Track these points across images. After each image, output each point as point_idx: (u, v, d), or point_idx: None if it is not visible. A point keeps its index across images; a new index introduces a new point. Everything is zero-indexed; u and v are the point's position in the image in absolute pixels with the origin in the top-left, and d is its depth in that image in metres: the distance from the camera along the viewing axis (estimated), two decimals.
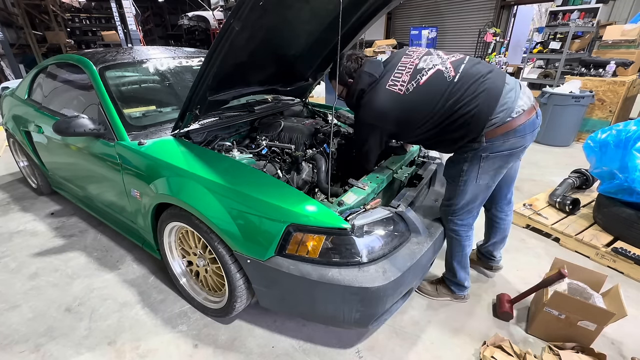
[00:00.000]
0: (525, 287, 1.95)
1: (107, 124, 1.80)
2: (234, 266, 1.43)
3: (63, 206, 2.91)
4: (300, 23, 1.68)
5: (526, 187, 3.26)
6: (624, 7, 6.50)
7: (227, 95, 1.82)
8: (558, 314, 1.55)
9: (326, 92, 6.25)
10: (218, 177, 1.42)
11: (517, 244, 2.40)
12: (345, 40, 2.03)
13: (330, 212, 1.27)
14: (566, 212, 2.58)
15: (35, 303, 1.87)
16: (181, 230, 1.70)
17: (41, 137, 2.41)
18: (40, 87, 2.59)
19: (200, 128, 1.82)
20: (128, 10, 7.11)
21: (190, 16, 13.04)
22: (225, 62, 1.40)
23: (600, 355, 1.44)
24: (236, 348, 1.59)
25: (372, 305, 1.28)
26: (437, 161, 2.03)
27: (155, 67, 2.32)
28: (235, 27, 1.23)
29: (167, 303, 1.85)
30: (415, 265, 1.36)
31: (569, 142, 4.54)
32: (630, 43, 5.12)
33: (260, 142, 1.88)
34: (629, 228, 2.16)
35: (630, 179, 2.08)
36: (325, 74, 2.01)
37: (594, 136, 2.44)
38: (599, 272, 1.71)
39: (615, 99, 4.40)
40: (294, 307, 1.46)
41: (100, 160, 1.88)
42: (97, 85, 1.91)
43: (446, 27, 9.60)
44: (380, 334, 1.66)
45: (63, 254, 2.28)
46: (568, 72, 5.49)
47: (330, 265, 1.26)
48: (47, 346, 1.61)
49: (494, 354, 1.47)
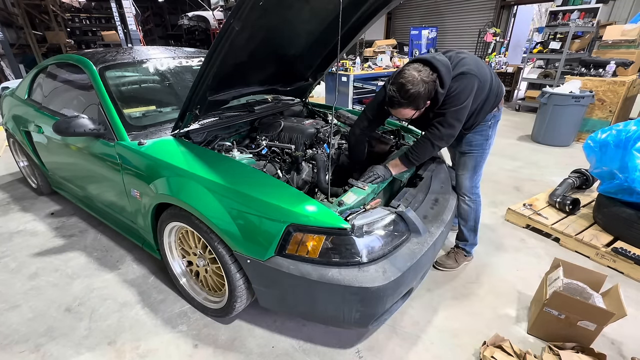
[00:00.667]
0: (525, 287, 1.96)
1: (107, 124, 1.80)
2: (234, 266, 1.43)
3: (63, 206, 2.91)
4: (300, 23, 1.68)
5: (526, 187, 3.26)
6: (624, 7, 6.50)
7: (227, 95, 1.82)
8: (558, 314, 1.55)
9: (326, 92, 6.25)
10: (218, 177, 1.42)
11: (517, 244, 2.40)
12: (345, 40, 2.03)
13: (330, 212, 1.27)
14: (566, 212, 2.58)
15: (35, 303, 1.87)
16: (181, 230, 1.70)
17: (41, 137, 2.41)
18: (40, 87, 2.59)
19: (200, 128, 1.82)
20: (128, 10, 7.11)
21: (190, 16, 13.05)
22: (225, 62, 1.40)
23: (600, 355, 1.43)
24: (236, 348, 1.59)
25: (372, 305, 1.28)
26: (437, 161, 2.03)
27: (155, 67, 2.32)
28: (235, 27, 1.23)
29: (167, 303, 1.85)
30: (415, 265, 1.36)
31: (569, 142, 4.54)
32: (630, 43, 5.12)
33: (260, 142, 1.88)
34: (629, 228, 2.16)
35: (630, 179, 2.08)
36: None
37: (594, 136, 2.44)
38: (599, 272, 1.71)
39: (615, 99, 4.40)
40: (294, 307, 1.46)
41: (100, 160, 1.88)
42: (97, 85, 1.91)
43: (446, 27, 9.60)
44: (380, 334, 1.66)
45: (63, 254, 2.28)
46: (568, 72, 5.49)
47: (330, 265, 1.26)
48: (47, 346, 1.61)
49: (494, 354, 1.47)
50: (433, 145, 1.60)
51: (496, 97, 1.71)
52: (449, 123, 1.55)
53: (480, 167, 1.88)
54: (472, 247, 2.11)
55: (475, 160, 1.85)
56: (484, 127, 1.77)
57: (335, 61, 2.32)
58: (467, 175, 1.89)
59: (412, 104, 1.47)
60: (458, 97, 1.51)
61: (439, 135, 1.57)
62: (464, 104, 1.52)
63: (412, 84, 1.42)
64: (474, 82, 1.53)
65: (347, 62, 6.01)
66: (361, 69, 5.95)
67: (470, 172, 1.88)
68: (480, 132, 1.78)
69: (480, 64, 1.60)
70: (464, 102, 1.52)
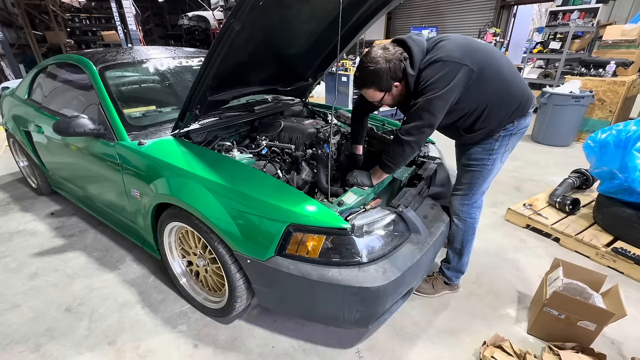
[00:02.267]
0: (525, 287, 1.96)
1: (107, 124, 1.80)
2: (234, 266, 1.43)
3: (63, 206, 2.91)
4: (300, 23, 1.67)
5: (526, 187, 3.26)
6: (624, 7, 6.51)
7: (227, 95, 1.82)
8: (558, 314, 1.55)
9: (326, 92, 6.26)
10: (218, 177, 1.42)
11: (517, 244, 2.40)
12: (345, 40, 2.03)
13: (330, 212, 1.27)
14: (566, 212, 2.58)
15: (35, 303, 1.87)
16: (181, 230, 1.70)
17: (41, 137, 2.41)
18: (40, 87, 2.59)
19: (200, 128, 1.82)
20: (128, 10, 7.11)
21: (190, 16, 13.04)
22: (225, 62, 1.40)
23: (600, 355, 1.43)
24: (236, 348, 1.59)
25: (372, 305, 1.28)
26: (437, 161, 2.03)
27: (155, 67, 2.32)
28: (235, 27, 1.22)
29: (167, 303, 1.85)
30: (415, 265, 1.36)
31: (569, 142, 4.54)
32: (630, 43, 5.12)
33: (260, 142, 1.88)
34: (629, 228, 2.16)
35: (630, 179, 2.08)
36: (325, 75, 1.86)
37: (594, 136, 2.44)
38: (599, 272, 1.71)
39: (615, 99, 4.40)
40: (294, 307, 1.46)
41: (100, 160, 1.88)
42: (97, 85, 1.91)
43: (446, 27, 9.60)
44: (380, 334, 1.66)
45: (63, 254, 2.28)
46: (568, 72, 5.50)
47: (330, 265, 1.26)
48: (47, 346, 1.61)
49: (494, 354, 1.47)
50: (401, 142, 1.38)
51: (518, 105, 1.41)
52: (418, 115, 1.33)
53: (477, 185, 1.58)
54: (455, 274, 1.84)
55: (472, 176, 1.58)
56: (489, 140, 1.49)
57: (335, 61, 2.31)
58: (461, 191, 1.64)
59: (373, 83, 1.35)
60: (430, 86, 1.29)
61: (405, 130, 1.36)
62: (437, 93, 1.28)
63: (371, 62, 1.32)
64: (453, 69, 1.28)
65: (347, 62, 6.02)
66: None
67: (465, 188, 1.62)
68: (483, 145, 1.51)
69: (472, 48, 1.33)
70: (438, 92, 1.28)
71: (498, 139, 1.48)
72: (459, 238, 1.72)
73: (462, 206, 1.65)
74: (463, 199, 1.64)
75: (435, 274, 1.91)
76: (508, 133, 1.47)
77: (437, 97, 1.29)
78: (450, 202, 1.71)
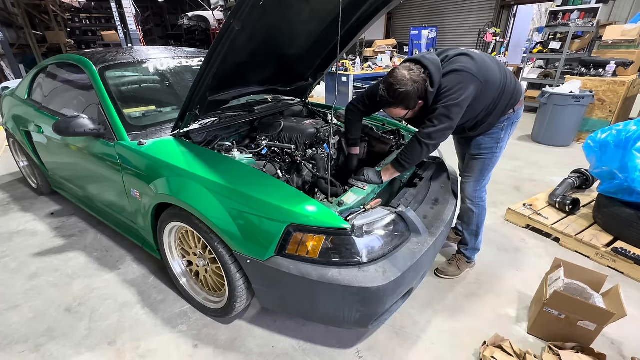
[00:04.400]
0: (525, 287, 1.96)
1: (107, 124, 1.80)
2: (234, 266, 1.43)
3: (63, 206, 2.91)
4: (300, 23, 1.68)
5: (526, 187, 3.26)
6: (624, 7, 6.51)
7: (227, 95, 1.82)
8: (558, 314, 1.55)
9: (326, 92, 6.26)
10: (218, 177, 1.42)
11: (517, 243, 2.40)
12: (345, 40, 2.03)
13: (330, 212, 1.27)
14: (566, 212, 2.58)
15: (35, 303, 1.87)
16: (181, 230, 1.70)
17: (41, 137, 2.41)
18: (40, 87, 2.59)
19: (200, 128, 1.82)
20: (128, 10, 7.11)
21: (190, 16, 13.06)
22: (225, 62, 1.40)
23: (600, 355, 1.43)
24: (236, 348, 1.59)
25: (372, 305, 1.28)
26: (437, 161, 2.03)
27: (155, 67, 2.32)
28: (235, 27, 1.22)
29: (167, 303, 1.85)
30: (416, 265, 1.36)
31: (569, 142, 4.54)
32: (630, 43, 5.12)
33: (260, 142, 1.88)
34: (629, 228, 2.16)
35: (630, 179, 2.08)
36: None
37: (594, 136, 2.44)
38: (599, 272, 1.71)
39: (615, 99, 4.40)
40: (294, 307, 1.46)
41: (100, 160, 1.88)
42: (97, 85, 1.91)
43: (446, 27, 9.60)
44: (380, 334, 1.66)
45: (63, 254, 2.28)
46: (568, 72, 5.49)
47: (330, 265, 1.26)
48: (47, 346, 1.61)
49: (494, 354, 1.47)
50: (421, 145, 1.49)
51: (511, 98, 1.64)
52: (438, 120, 1.46)
53: (487, 171, 1.81)
54: (473, 252, 2.05)
55: (484, 164, 1.79)
56: (496, 130, 1.70)
57: (335, 61, 2.32)
58: (473, 178, 1.84)
59: (401, 103, 1.45)
60: (448, 93, 1.44)
61: (427, 133, 1.47)
62: (455, 101, 1.43)
63: (400, 84, 1.41)
64: (469, 80, 1.44)
65: (347, 62, 6.02)
66: (361, 69, 5.95)
67: (477, 175, 1.83)
68: (491, 135, 1.72)
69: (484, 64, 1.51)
70: (457, 99, 1.43)
71: (503, 128, 1.70)
72: (475, 221, 1.94)
73: (475, 192, 1.88)
74: (475, 185, 1.86)
75: (457, 256, 2.08)
76: (511, 122, 1.71)
77: (455, 104, 1.44)
78: (463, 190, 1.93)
